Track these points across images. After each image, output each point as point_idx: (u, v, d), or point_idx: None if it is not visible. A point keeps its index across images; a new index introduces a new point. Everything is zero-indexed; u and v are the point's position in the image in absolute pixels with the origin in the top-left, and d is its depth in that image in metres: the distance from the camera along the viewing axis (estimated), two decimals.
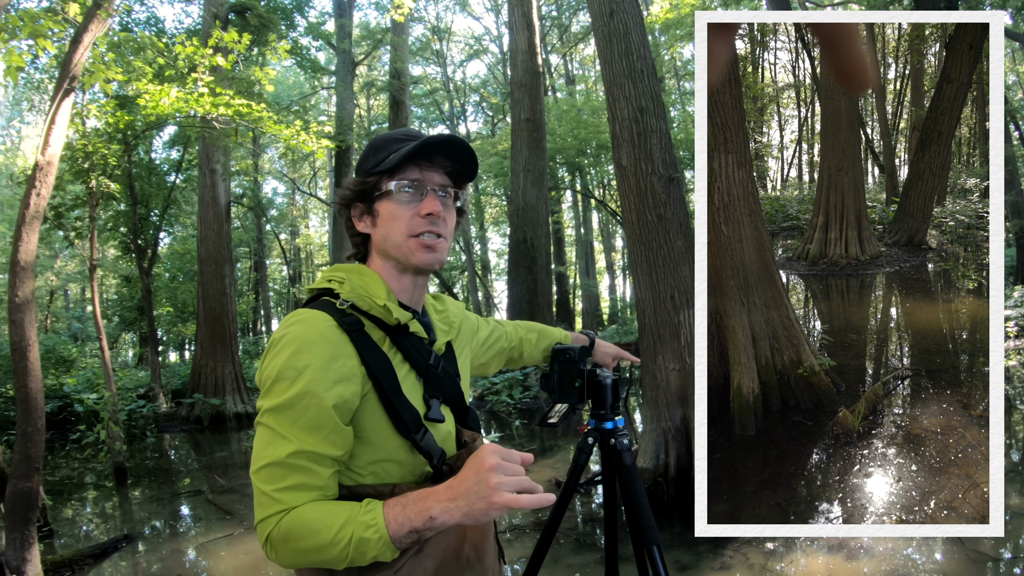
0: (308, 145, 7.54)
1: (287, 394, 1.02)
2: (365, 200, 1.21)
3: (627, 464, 1.62)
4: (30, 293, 4.02)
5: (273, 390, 1.03)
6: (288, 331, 1.06)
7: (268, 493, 1.01)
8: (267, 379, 1.05)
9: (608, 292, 30.80)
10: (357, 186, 1.20)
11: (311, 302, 1.16)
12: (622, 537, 1.74)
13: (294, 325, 1.07)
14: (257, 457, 1.03)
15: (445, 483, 1.00)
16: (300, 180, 28.91)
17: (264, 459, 1.02)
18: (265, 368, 1.06)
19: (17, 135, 28.58)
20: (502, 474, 0.94)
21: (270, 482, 1.01)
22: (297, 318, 1.08)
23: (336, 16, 17.18)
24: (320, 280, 1.20)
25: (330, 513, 1.00)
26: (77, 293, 28.77)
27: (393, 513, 0.99)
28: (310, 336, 1.05)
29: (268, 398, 1.04)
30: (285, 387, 1.02)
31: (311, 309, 1.10)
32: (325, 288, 1.17)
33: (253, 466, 1.04)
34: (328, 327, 1.07)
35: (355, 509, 1.00)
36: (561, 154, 17.16)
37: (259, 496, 1.03)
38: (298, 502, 1.01)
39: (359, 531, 0.97)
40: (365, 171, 1.20)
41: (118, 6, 7.89)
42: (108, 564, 4.77)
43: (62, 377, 12.46)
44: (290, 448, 1.01)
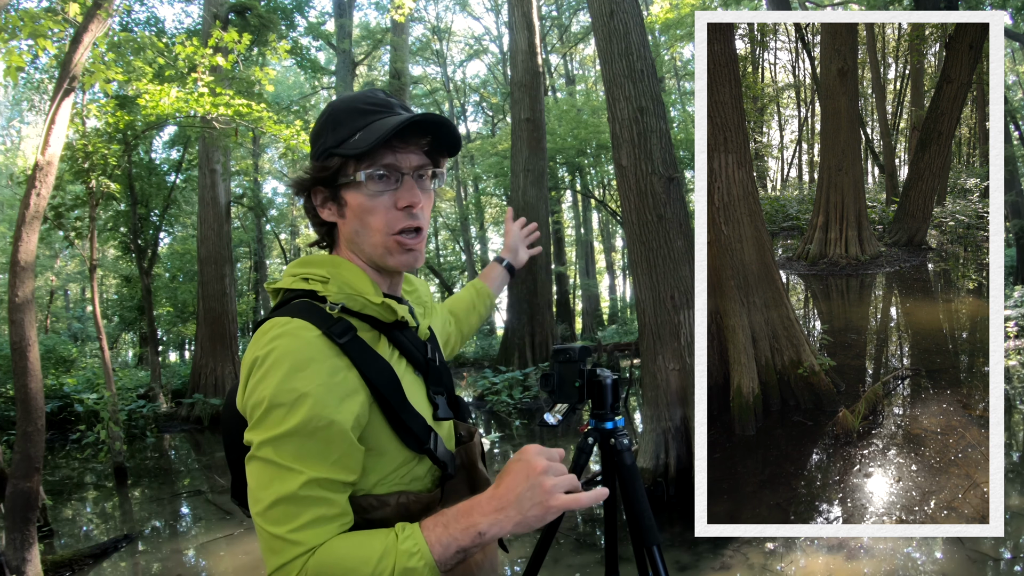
0: (308, 145, 7.52)
1: (289, 422, 0.88)
2: (328, 185, 1.02)
3: (627, 464, 1.62)
4: (30, 293, 4.02)
5: (268, 419, 0.88)
6: (273, 347, 0.91)
7: (282, 536, 0.87)
8: (256, 406, 0.90)
9: (608, 292, 30.81)
10: (317, 171, 1.01)
11: (283, 306, 1.00)
12: (622, 537, 1.74)
13: (279, 339, 0.91)
14: (259, 497, 0.89)
15: (486, 494, 0.91)
16: None
17: (270, 497, 0.88)
18: (252, 393, 0.91)
19: (17, 135, 28.59)
20: (553, 475, 0.88)
21: (283, 522, 0.87)
22: (280, 330, 0.92)
23: (336, 16, 17.20)
24: (291, 279, 1.03)
25: (363, 546, 0.88)
26: (77, 293, 28.77)
27: (436, 535, 0.89)
28: (303, 350, 0.90)
29: (263, 429, 0.89)
30: (283, 414, 0.88)
31: (291, 317, 0.94)
32: (301, 290, 1.00)
33: (255, 507, 0.89)
34: (315, 338, 0.92)
35: (390, 537, 0.90)
36: (561, 154, 17.17)
37: (270, 542, 0.88)
38: (320, 539, 0.88)
39: (402, 560, 0.87)
40: (325, 150, 1.00)
41: (118, 6, 7.89)
42: (108, 564, 4.77)
43: (62, 377, 12.46)
44: (301, 479, 0.88)
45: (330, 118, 1.02)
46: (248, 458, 0.91)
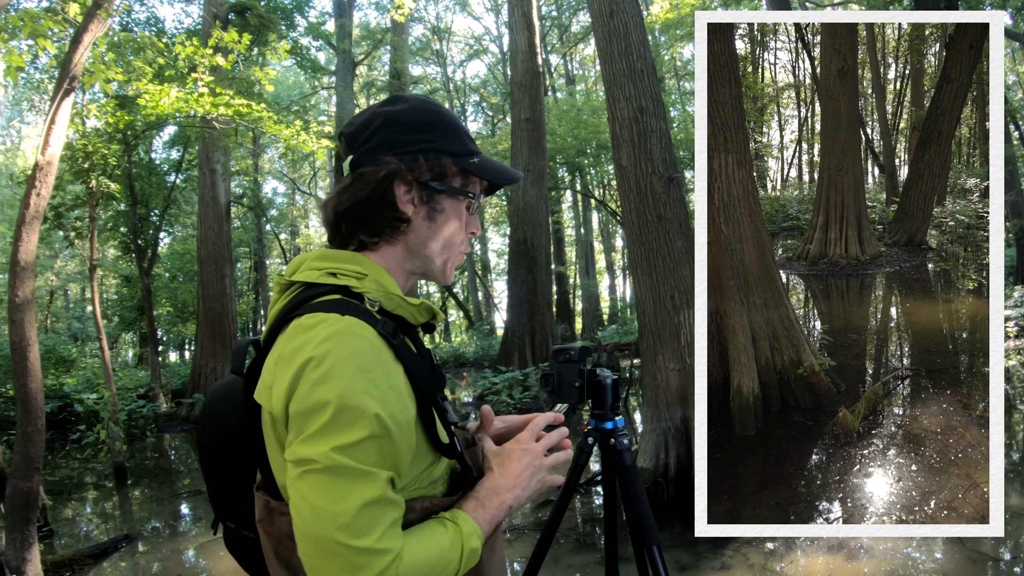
0: (308, 145, 7.54)
1: (365, 425, 0.82)
2: (426, 184, 0.98)
3: (627, 464, 1.62)
4: (30, 293, 4.02)
5: (338, 423, 0.81)
6: (332, 346, 0.84)
7: (370, 548, 0.81)
8: (317, 410, 0.82)
9: (608, 292, 30.82)
10: (434, 168, 0.98)
11: (309, 301, 0.93)
12: (622, 537, 1.73)
13: (337, 337, 0.85)
14: (335, 511, 0.80)
15: (497, 475, 1.02)
16: (300, 180, 28.93)
17: (354, 507, 0.81)
18: (307, 396, 0.83)
19: (17, 135, 28.60)
20: (545, 456, 1.06)
21: (369, 531, 0.82)
22: (334, 327, 0.86)
23: (336, 16, 17.20)
24: (316, 272, 0.96)
25: (431, 539, 0.90)
26: (77, 293, 28.78)
27: (479, 516, 0.96)
28: (366, 350, 0.85)
29: (329, 437, 0.81)
30: (353, 419, 0.82)
31: (339, 314, 0.88)
32: (334, 285, 0.94)
33: (333, 524, 0.80)
34: (374, 335, 0.88)
35: (447, 525, 0.92)
36: (561, 154, 17.18)
37: (353, 559, 0.80)
38: (401, 542, 0.85)
39: (468, 543, 0.92)
40: (436, 150, 0.98)
41: (118, 6, 7.89)
42: (108, 564, 4.77)
43: (62, 377, 12.46)
44: (381, 481, 0.84)
45: (443, 121, 1.01)
46: (308, 472, 0.81)
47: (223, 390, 1.13)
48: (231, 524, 1.10)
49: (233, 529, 1.09)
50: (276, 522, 0.95)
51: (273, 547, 0.96)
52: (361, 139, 0.99)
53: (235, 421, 1.03)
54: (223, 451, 1.08)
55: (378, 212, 0.97)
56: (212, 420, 1.11)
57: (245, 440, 0.99)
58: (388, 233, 0.99)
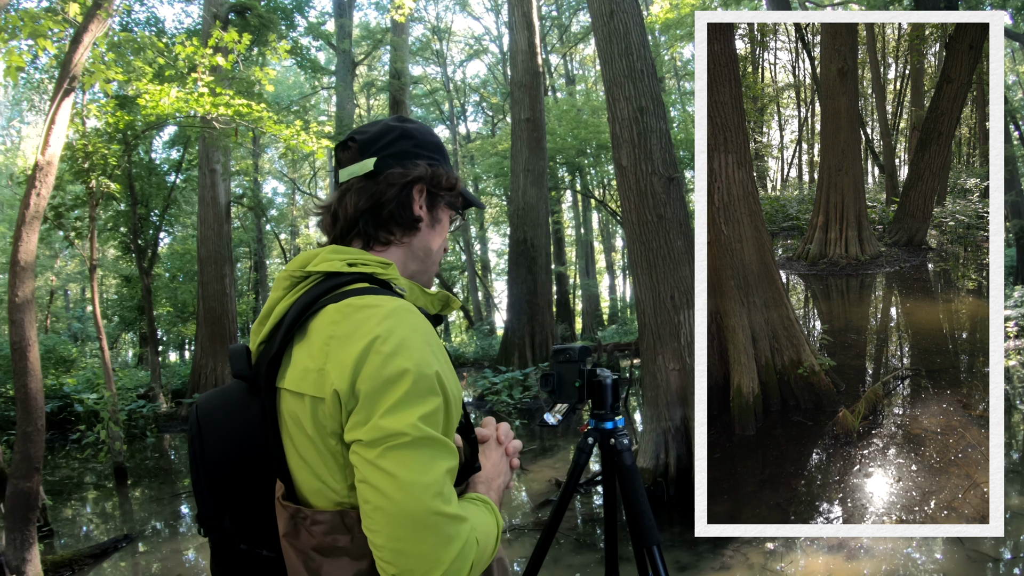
0: (308, 145, 7.54)
1: (439, 393, 0.86)
2: (436, 194, 1.07)
3: (627, 464, 1.62)
4: (30, 293, 4.02)
5: (416, 392, 0.84)
6: (394, 323, 0.87)
7: (456, 514, 0.84)
8: (395, 381, 0.83)
9: (608, 292, 30.81)
10: (448, 180, 1.08)
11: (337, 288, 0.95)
12: (622, 537, 1.74)
13: (397, 315, 0.88)
14: (425, 484, 0.82)
15: (489, 469, 1.08)
16: (300, 180, 28.93)
17: (438, 475, 0.83)
18: (384, 368, 0.84)
19: (17, 135, 28.59)
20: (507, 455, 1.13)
21: (452, 498, 0.85)
22: (392, 306, 0.90)
23: (336, 16, 17.21)
24: (339, 263, 0.98)
25: (479, 514, 0.95)
26: (77, 293, 28.77)
27: (493, 496, 1.04)
28: (424, 327, 0.91)
29: (413, 407, 0.83)
30: (429, 388, 0.85)
31: (389, 296, 0.93)
32: (356, 274, 0.97)
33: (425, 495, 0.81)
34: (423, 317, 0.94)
35: (481, 504, 0.98)
36: (561, 154, 17.17)
37: (445, 528, 0.82)
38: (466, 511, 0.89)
39: (500, 522, 0.99)
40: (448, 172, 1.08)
41: (118, 6, 7.89)
42: (108, 564, 4.77)
43: (62, 377, 12.46)
44: (453, 449, 0.88)
45: (443, 145, 1.13)
46: (390, 448, 0.82)
47: (219, 399, 1.03)
48: (244, 546, 0.99)
49: (247, 551, 0.99)
50: (304, 534, 0.91)
51: (302, 561, 0.92)
52: (380, 145, 1.04)
53: (244, 430, 0.97)
54: (232, 464, 0.98)
55: (398, 212, 1.03)
56: (213, 433, 0.99)
57: (258, 448, 0.95)
58: (402, 233, 1.05)
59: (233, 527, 0.98)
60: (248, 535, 0.98)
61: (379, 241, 1.04)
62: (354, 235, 1.04)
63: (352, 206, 1.02)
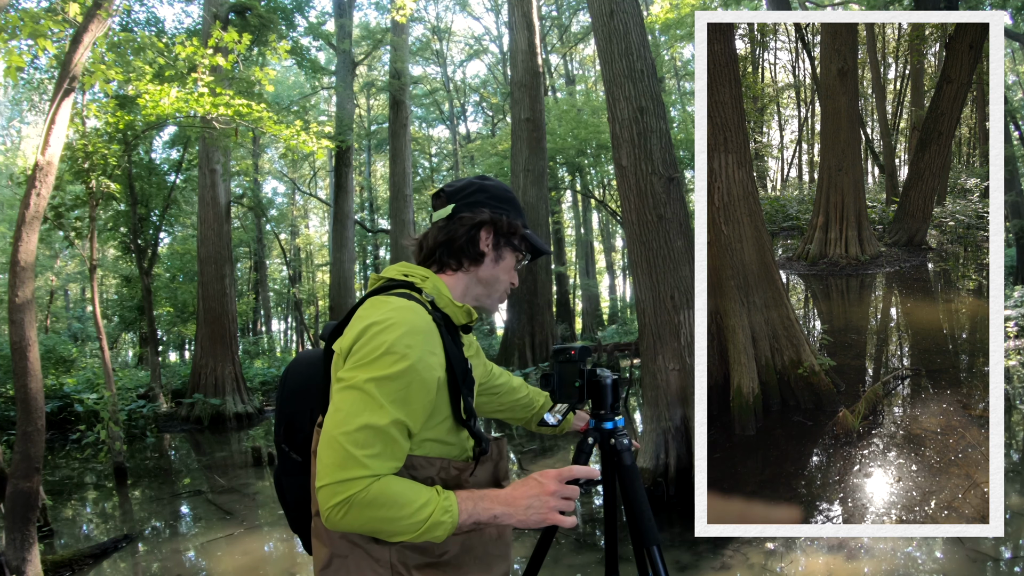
0: (308, 145, 7.54)
1: (394, 367, 1.11)
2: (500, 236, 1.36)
3: (627, 464, 1.62)
4: (30, 293, 4.02)
5: (379, 362, 1.12)
6: (393, 315, 1.16)
7: (358, 457, 1.09)
8: (371, 352, 1.13)
9: (608, 292, 30.81)
10: (510, 227, 1.36)
11: (384, 291, 1.27)
12: (622, 537, 1.73)
13: (398, 310, 1.17)
14: (348, 419, 1.10)
15: (506, 490, 1.22)
16: (300, 180, 28.93)
17: (360, 421, 1.10)
18: (367, 342, 1.14)
19: (17, 135, 28.58)
20: (557, 498, 1.22)
21: (363, 446, 1.09)
22: (399, 303, 1.19)
23: (336, 16, 17.19)
24: (397, 272, 1.32)
25: (413, 490, 1.13)
26: (77, 293, 28.77)
27: (465, 505, 1.16)
28: (417, 322, 1.17)
29: (370, 368, 1.12)
30: (392, 361, 1.11)
31: (405, 299, 1.21)
32: (403, 281, 1.29)
33: (341, 427, 1.10)
34: (428, 318, 1.19)
35: (432, 492, 1.15)
36: (561, 154, 17.16)
37: (344, 457, 1.09)
38: (384, 471, 1.11)
39: (437, 514, 1.12)
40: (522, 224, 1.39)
41: (118, 6, 7.89)
42: (108, 564, 4.77)
43: (62, 377, 12.46)
44: (389, 418, 1.11)
45: (515, 200, 1.42)
46: (345, 387, 1.13)
47: (307, 354, 1.50)
48: (285, 447, 1.43)
49: (286, 452, 1.43)
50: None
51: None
52: (459, 196, 1.37)
53: (314, 372, 1.37)
54: (300, 392, 1.42)
55: (466, 247, 1.34)
56: (295, 372, 1.47)
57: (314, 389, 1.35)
58: (467, 263, 1.35)
59: (285, 434, 1.42)
60: (290, 441, 1.42)
61: (449, 267, 1.35)
62: (432, 261, 1.36)
63: (432, 239, 1.35)
